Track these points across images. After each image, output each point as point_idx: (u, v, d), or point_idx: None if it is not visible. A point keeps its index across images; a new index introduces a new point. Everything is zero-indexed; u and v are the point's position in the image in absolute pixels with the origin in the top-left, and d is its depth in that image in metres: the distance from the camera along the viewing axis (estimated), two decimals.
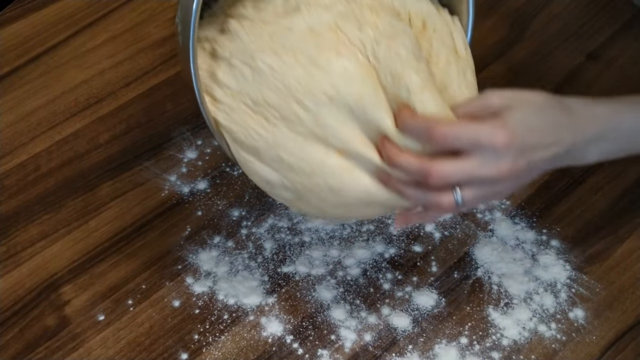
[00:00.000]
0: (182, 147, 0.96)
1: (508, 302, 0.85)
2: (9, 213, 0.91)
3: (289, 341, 0.83)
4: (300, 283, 0.87)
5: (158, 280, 0.86)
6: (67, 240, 0.89)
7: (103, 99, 1.01)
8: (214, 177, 0.94)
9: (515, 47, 1.05)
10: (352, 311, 0.85)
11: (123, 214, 0.91)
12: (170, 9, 1.10)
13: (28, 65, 1.04)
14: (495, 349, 0.82)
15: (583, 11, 1.08)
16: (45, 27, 1.08)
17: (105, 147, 0.97)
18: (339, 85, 0.70)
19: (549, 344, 0.82)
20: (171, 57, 1.05)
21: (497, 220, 0.90)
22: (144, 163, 0.95)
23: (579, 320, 0.83)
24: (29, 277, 0.87)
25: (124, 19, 1.09)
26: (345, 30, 0.72)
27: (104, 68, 1.04)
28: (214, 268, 0.87)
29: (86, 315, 0.84)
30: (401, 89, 0.70)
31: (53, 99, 1.01)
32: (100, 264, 0.87)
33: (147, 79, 1.03)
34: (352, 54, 0.71)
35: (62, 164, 0.95)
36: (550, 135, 0.70)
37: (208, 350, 0.82)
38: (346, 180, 0.73)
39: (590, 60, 1.03)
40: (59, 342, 0.82)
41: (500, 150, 0.68)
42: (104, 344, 0.82)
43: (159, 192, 0.93)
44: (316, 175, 0.73)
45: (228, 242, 0.89)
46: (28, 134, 0.98)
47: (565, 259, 0.87)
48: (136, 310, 0.84)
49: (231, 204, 0.92)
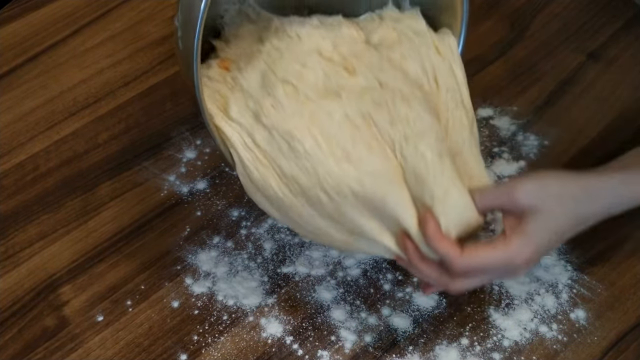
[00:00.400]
0: (181, 147, 0.96)
1: (509, 302, 0.84)
2: (8, 213, 0.91)
3: (289, 342, 0.83)
4: (300, 284, 0.86)
5: (157, 280, 0.86)
6: (66, 240, 0.89)
7: (102, 98, 1.01)
8: (213, 177, 0.94)
9: (515, 47, 1.05)
10: (352, 312, 0.84)
11: (122, 214, 0.91)
12: (170, 7, 1.09)
13: (26, 64, 1.04)
14: (496, 350, 0.81)
15: (583, 11, 1.08)
16: (43, 27, 1.08)
17: (104, 147, 0.96)
18: (367, 184, 0.73)
19: (550, 344, 0.82)
20: (170, 57, 1.04)
21: (498, 220, 0.90)
22: (143, 163, 0.95)
23: (581, 321, 0.83)
24: (28, 277, 0.86)
25: (122, 18, 1.09)
26: (377, 123, 0.74)
27: (102, 67, 1.04)
28: (213, 268, 0.87)
29: (85, 315, 0.84)
30: (425, 194, 0.73)
31: (51, 98, 1.01)
32: (99, 265, 0.87)
33: (146, 79, 1.03)
34: (382, 150, 0.74)
35: (61, 164, 0.95)
36: (571, 229, 0.74)
37: (207, 351, 0.81)
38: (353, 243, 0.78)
39: (591, 59, 1.03)
40: (57, 342, 0.82)
41: (521, 266, 0.73)
42: (103, 345, 0.82)
43: (158, 192, 0.93)
44: (322, 237, 0.78)
45: (227, 242, 0.89)
46: (26, 133, 0.97)
47: (567, 260, 0.87)
48: (135, 310, 0.84)
49: (230, 204, 0.92)
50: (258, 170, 0.76)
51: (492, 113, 0.98)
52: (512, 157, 0.95)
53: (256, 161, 0.76)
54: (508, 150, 0.95)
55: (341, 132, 0.74)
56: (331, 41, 0.78)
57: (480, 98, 0.99)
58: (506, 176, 0.93)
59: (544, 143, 0.96)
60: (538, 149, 0.95)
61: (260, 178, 0.76)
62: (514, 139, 0.96)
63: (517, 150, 0.95)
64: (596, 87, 1.01)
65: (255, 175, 0.76)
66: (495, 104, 0.99)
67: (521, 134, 0.96)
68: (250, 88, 0.77)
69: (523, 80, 1.01)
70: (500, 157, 0.95)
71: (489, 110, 0.99)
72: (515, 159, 0.94)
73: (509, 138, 0.96)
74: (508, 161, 0.94)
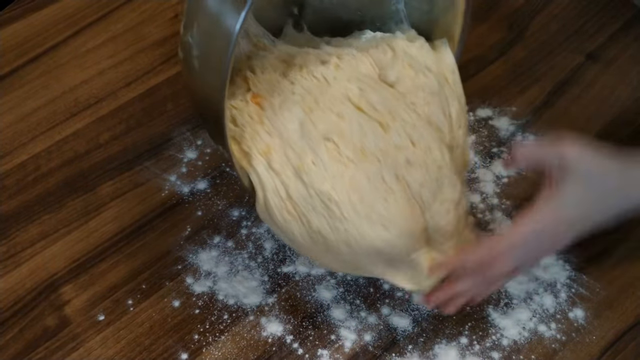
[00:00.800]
0: (182, 147, 0.96)
1: (508, 302, 0.85)
2: (9, 213, 0.91)
3: (289, 341, 0.83)
4: (300, 283, 0.87)
5: (158, 280, 0.86)
6: (67, 240, 0.89)
7: (103, 99, 1.01)
8: (214, 177, 0.94)
9: (514, 48, 1.05)
10: (352, 311, 0.85)
11: (123, 214, 0.91)
12: (171, 9, 1.10)
13: (28, 65, 1.04)
14: (495, 349, 0.82)
15: (583, 11, 1.08)
16: (45, 27, 1.08)
17: (105, 147, 0.97)
18: (397, 246, 0.76)
19: (549, 344, 0.82)
20: (171, 57, 1.05)
21: (497, 220, 0.90)
22: (144, 163, 0.95)
23: (579, 320, 0.83)
24: (29, 277, 0.87)
25: (124, 19, 1.09)
26: (410, 184, 0.77)
27: (103, 68, 1.04)
28: (214, 268, 0.87)
29: (86, 315, 0.84)
30: (439, 240, 0.78)
31: (53, 99, 1.01)
32: (100, 264, 0.87)
33: (147, 79, 1.03)
34: (414, 213, 0.76)
35: (62, 164, 0.95)
36: (597, 212, 0.75)
37: (208, 350, 0.82)
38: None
39: (590, 60, 1.03)
40: (59, 342, 0.82)
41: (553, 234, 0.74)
42: (104, 344, 0.82)
43: (159, 192, 0.93)
44: (330, 267, 0.82)
45: (228, 242, 0.89)
46: (28, 134, 0.98)
47: (565, 259, 0.87)
48: (136, 310, 0.84)
49: (231, 204, 0.92)
50: (283, 217, 0.77)
51: (491, 113, 0.99)
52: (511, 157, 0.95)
53: (284, 210, 0.77)
54: (507, 151, 0.95)
55: (377, 196, 0.75)
56: (357, 85, 0.79)
57: (480, 98, 0.99)
58: (505, 176, 0.93)
59: None
60: None
61: (283, 223, 0.77)
62: (513, 139, 0.96)
63: None
64: (595, 88, 1.01)
65: (279, 219, 0.77)
66: (495, 104, 0.99)
67: (520, 134, 0.97)
68: (290, 138, 0.77)
69: (522, 80, 1.02)
70: (499, 157, 0.95)
71: (488, 111, 0.99)
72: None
73: (508, 138, 0.97)
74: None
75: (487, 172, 0.93)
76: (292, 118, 0.77)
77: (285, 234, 0.79)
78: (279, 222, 0.77)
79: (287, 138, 0.77)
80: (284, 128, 0.77)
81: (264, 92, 0.80)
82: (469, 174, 0.93)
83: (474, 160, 0.94)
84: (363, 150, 0.76)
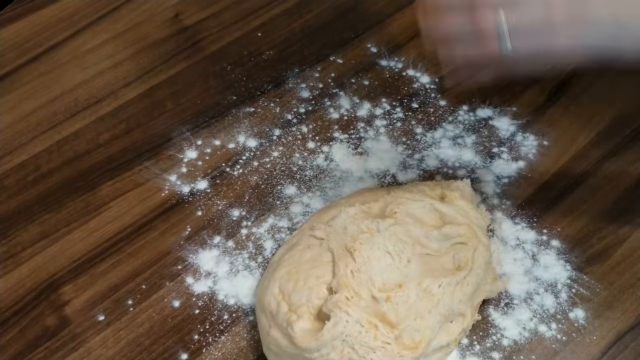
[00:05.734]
0: (182, 147, 0.96)
1: (508, 302, 0.85)
2: (9, 213, 0.91)
3: None
4: None
5: (158, 280, 0.86)
6: (67, 240, 0.89)
7: (103, 99, 1.01)
8: (214, 177, 0.94)
9: None
10: None
11: (123, 214, 0.91)
12: (171, 9, 1.10)
13: (28, 65, 1.04)
14: (496, 349, 0.82)
15: None
16: (45, 27, 1.08)
17: (105, 147, 0.97)
18: None
19: (550, 344, 0.82)
20: (171, 57, 1.05)
21: (498, 220, 0.90)
22: (144, 163, 0.95)
23: (580, 320, 0.83)
24: (29, 277, 0.87)
25: (123, 19, 1.09)
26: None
27: (103, 68, 1.04)
28: (214, 268, 0.87)
29: (86, 315, 0.84)
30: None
31: (53, 99, 1.01)
32: (100, 264, 0.87)
33: (147, 79, 1.03)
34: None
35: (62, 164, 0.95)
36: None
37: (208, 351, 0.82)
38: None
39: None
40: (59, 342, 0.82)
41: None
42: (104, 344, 0.82)
43: (159, 192, 0.93)
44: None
45: (228, 242, 0.89)
46: (28, 134, 0.98)
47: (566, 259, 0.87)
48: (136, 310, 0.84)
49: (231, 204, 0.92)
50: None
51: (492, 113, 0.99)
52: (511, 157, 0.95)
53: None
54: (507, 151, 0.95)
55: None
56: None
57: (480, 98, 0.99)
58: (505, 176, 0.93)
59: (543, 143, 0.96)
60: (537, 149, 0.95)
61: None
62: (513, 139, 0.96)
63: (516, 151, 0.96)
64: (595, 88, 1.01)
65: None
66: (495, 104, 0.99)
67: (520, 134, 0.97)
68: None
69: (522, 80, 1.02)
70: (499, 157, 0.95)
71: (489, 111, 0.99)
72: (514, 159, 0.95)
73: (508, 138, 0.97)
74: (507, 161, 0.94)
75: (487, 172, 0.93)
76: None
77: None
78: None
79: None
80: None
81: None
82: (469, 174, 0.93)
83: (474, 160, 0.94)
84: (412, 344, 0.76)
